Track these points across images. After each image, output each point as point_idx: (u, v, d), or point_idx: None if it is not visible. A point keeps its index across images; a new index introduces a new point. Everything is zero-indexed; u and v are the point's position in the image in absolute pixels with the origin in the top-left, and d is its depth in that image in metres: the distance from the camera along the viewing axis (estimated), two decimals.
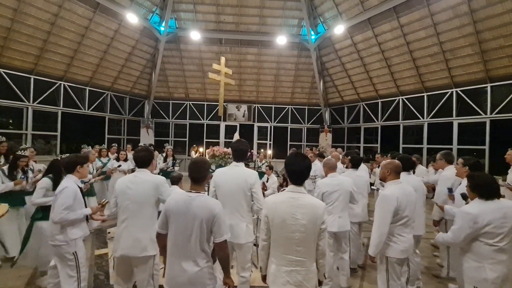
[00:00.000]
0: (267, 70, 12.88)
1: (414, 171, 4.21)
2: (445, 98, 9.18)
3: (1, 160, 4.35)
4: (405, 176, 3.00)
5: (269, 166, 5.99)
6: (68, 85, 9.86)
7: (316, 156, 6.71)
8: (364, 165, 4.76)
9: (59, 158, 3.54)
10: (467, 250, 2.34)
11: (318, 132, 13.83)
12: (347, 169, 4.46)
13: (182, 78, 13.04)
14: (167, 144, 10.57)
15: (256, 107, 13.80)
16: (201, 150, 11.81)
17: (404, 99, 10.48)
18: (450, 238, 2.38)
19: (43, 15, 8.09)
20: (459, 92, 8.78)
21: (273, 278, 1.91)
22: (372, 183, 5.77)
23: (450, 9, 7.77)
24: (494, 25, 7.27)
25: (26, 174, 4.02)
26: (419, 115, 9.94)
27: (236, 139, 3.05)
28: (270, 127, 13.87)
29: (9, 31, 7.68)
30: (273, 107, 13.84)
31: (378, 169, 6.28)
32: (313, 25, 11.34)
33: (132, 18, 9.67)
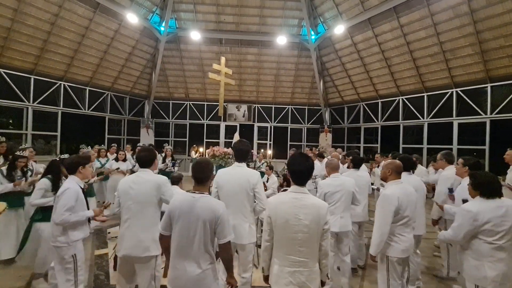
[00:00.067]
0: (267, 70, 12.87)
1: (414, 171, 4.21)
2: (445, 98, 9.18)
3: (0, 160, 4.35)
4: (406, 176, 3.00)
5: (269, 166, 5.99)
6: (68, 85, 9.86)
7: (316, 156, 6.70)
8: (364, 165, 4.75)
9: (57, 158, 3.51)
10: (467, 248, 2.36)
11: (318, 132, 13.83)
12: (348, 169, 4.45)
13: (182, 78, 13.04)
14: (166, 144, 10.57)
15: (256, 107, 13.80)
16: (201, 150, 11.82)
17: (404, 99, 10.48)
18: (450, 235, 2.40)
19: (43, 15, 8.09)
20: (459, 92, 8.78)
21: (276, 278, 1.90)
22: (372, 183, 5.76)
23: (450, 9, 7.77)
24: (494, 25, 7.27)
25: (25, 175, 4.00)
26: (419, 115, 9.94)
27: (237, 139, 3.04)
28: (270, 127, 13.86)
29: (9, 31, 7.68)
30: (273, 107, 13.84)
31: (378, 169, 6.31)
32: (313, 25, 11.34)
33: (132, 18, 9.68)
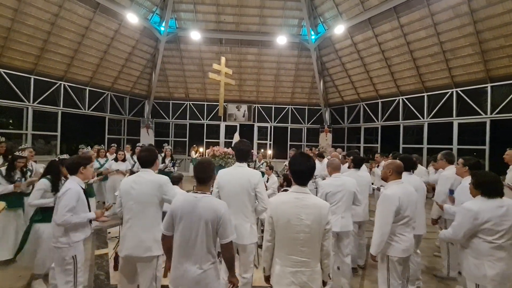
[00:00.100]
0: (267, 70, 12.87)
1: (414, 171, 4.21)
2: (445, 98, 9.17)
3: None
4: (406, 176, 3.01)
5: (269, 166, 5.99)
6: (68, 85, 9.86)
7: (316, 156, 6.69)
8: (363, 165, 4.75)
9: (57, 159, 3.50)
10: (466, 247, 2.37)
11: (318, 132, 13.82)
12: (348, 169, 4.45)
13: (182, 78, 13.04)
14: (165, 144, 10.56)
15: (256, 107, 13.80)
16: (201, 150, 11.83)
17: (404, 99, 10.47)
18: (450, 234, 2.42)
19: (43, 15, 8.09)
20: (459, 92, 8.77)
21: (278, 279, 1.90)
22: (372, 182, 5.76)
23: (450, 9, 7.76)
24: (494, 25, 7.26)
25: (24, 175, 3.98)
26: (419, 115, 9.93)
27: (238, 140, 3.03)
28: (270, 127, 13.86)
29: (9, 31, 7.68)
30: (273, 107, 13.84)
31: (377, 168, 6.31)
32: (313, 25, 11.34)
33: (132, 18, 9.67)
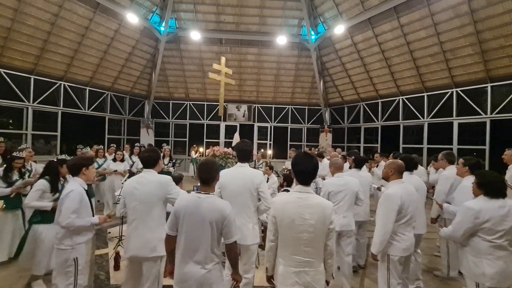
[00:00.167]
0: (267, 70, 12.87)
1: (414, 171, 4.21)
2: (445, 98, 9.17)
3: None
4: (407, 176, 3.01)
5: (269, 166, 6.00)
6: (68, 85, 9.86)
7: (316, 156, 6.68)
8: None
9: (55, 159, 3.49)
10: (466, 245, 2.39)
11: (318, 132, 13.82)
12: (349, 169, 4.45)
13: (182, 78, 13.04)
14: (164, 144, 10.56)
15: (256, 107, 13.80)
16: (201, 150, 11.85)
17: (404, 99, 10.47)
18: (450, 232, 2.43)
19: (43, 15, 8.08)
20: (459, 92, 8.77)
21: (281, 279, 1.89)
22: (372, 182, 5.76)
23: (450, 9, 7.76)
24: (494, 25, 7.26)
25: (22, 176, 3.96)
26: (419, 115, 9.93)
27: (240, 140, 3.03)
28: (270, 127, 13.86)
29: (9, 31, 7.68)
30: (273, 107, 13.84)
31: (376, 168, 6.31)
32: (313, 25, 11.34)
33: (132, 18, 9.68)
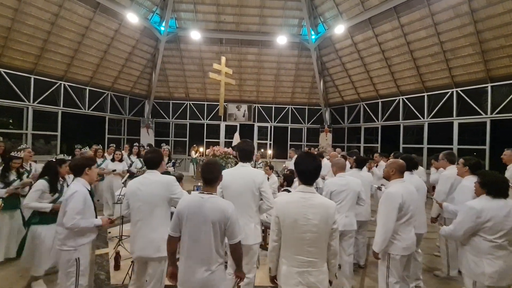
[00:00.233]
0: (267, 70, 12.87)
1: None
2: (445, 98, 9.16)
3: None
4: (407, 175, 3.02)
5: (270, 166, 6.00)
6: (68, 85, 9.86)
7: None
8: None
9: (54, 159, 3.49)
10: (466, 244, 2.40)
11: (318, 132, 13.82)
12: (351, 169, 4.45)
13: (182, 78, 13.04)
14: (164, 144, 10.54)
15: (256, 107, 13.80)
16: (201, 150, 11.85)
17: (405, 99, 10.47)
18: (451, 230, 2.44)
19: (44, 15, 8.08)
20: (460, 92, 8.76)
21: (285, 279, 1.89)
22: None
23: (450, 8, 7.76)
24: (494, 24, 7.26)
25: (20, 176, 3.95)
26: (419, 115, 9.93)
27: (241, 140, 3.03)
28: (270, 127, 13.86)
29: (10, 31, 7.67)
30: (273, 107, 13.84)
31: (376, 168, 6.31)
32: (313, 25, 11.33)
33: (132, 18, 9.68)
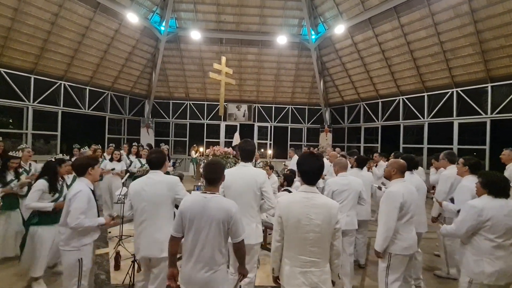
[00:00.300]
0: (267, 70, 12.87)
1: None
2: (445, 98, 9.17)
3: None
4: (407, 175, 3.03)
5: (270, 166, 6.00)
6: (68, 84, 9.85)
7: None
8: None
9: (53, 159, 3.48)
10: (467, 243, 2.41)
11: (318, 132, 13.83)
12: (351, 168, 4.45)
13: (182, 78, 13.04)
14: (162, 144, 10.53)
15: (257, 107, 13.80)
16: (201, 150, 11.83)
17: (405, 99, 10.47)
18: (453, 229, 2.45)
19: (44, 15, 8.08)
20: (460, 92, 8.77)
21: (287, 279, 1.89)
22: None
23: (450, 8, 7.76)
24: (494, 24, 7.26)
25: (18, 176, 3.94)
26: (419, 115, 9.93)
27: (242, 139, 3.04)
28: (270, 127, 13.86)
29: (10, 30, 7.67)
30: (273, 107, 13.84)
31: (375, 168, 6.31)
32: (313, 25, 11.34)
33: (132, 17, 9.67)
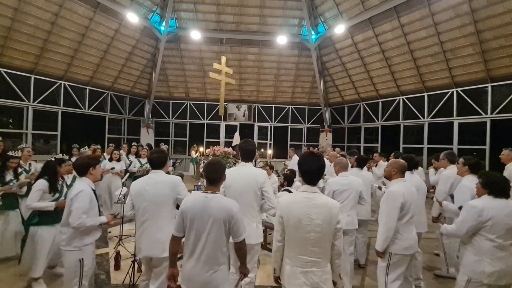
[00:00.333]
0: (267, 70, 12.87)
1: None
2: (445, 98, 9.17)
3: None
4: (408, 175, 3.04)
5: (270, 166, 5.99)
6: (68, 84, 9.85)
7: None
8: None
9: (53, 159, 3.48)
10: (468, 243, 2.42)
11: (318, 132, 13.83)
12: (351, 168, 4.45)
13: (182, 78, 13.04)
14: (162, 144, 10.52)
15: (257, 107, 13.80)
16: (201, 150, 11.83)
17: (405, 99, 10.47)
18: (454, 230, 2.46)
19: (44, 15, 8.08)
20: (460, 92, 8.77)
21: (288, 279, 1.89)
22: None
23: (451, 8, 7.76)
24: (494, 24, 7.26)
25: (17, 176, 3.93)
26: (419, 115, 9.93)
27: (243, 139, 3.05)
28: (270, 126, 13.86)
29: (10, 30, 7.66)
30: (273, 107, 13.84)
31: (375, 168, 6.32)
32: (313, 25, 11.33)
33: (132, 17, 9.67)
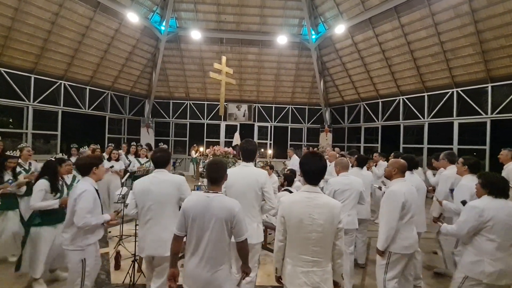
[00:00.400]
0: (267, 70, 12.87)
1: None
2: (445, 98, 9.17)
3: None
4: (408, 175, 3.05)
5: (270, 166, 5.99)
6: (68, 84, 9.85)
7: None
8: None
9: (53, 158, 3.47)
10: (468, 243, 2.43)
11: (318, 132, 13.83)
12: (352, 168, 4.46)
13: (182, 78, 13.04)
14: (161, 144, 10.51)
15: (257, 107, 13.80)
16: (201, 149, 11.83)
17: (405, 99, 10.47)
18: (454, 230, 2.47)
19: (44, 14, 8.08)
20: (460, 92, 8.77)
21: (290, 279, 1.90)
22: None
23: (451, 8, 7.76)
24: (495, 25, 7.26)
25: (16, 176, 3.92)
26: (419, 115, 9.93)
27: (244, 139, 3.05)
28: (271, 126, 13.86)
29: (10, 30, 7.67)
30: (273, 107, 13.84)
31: (375, 168, 6.32)
32: (313, 25, 11.33)
33: (132, 17, 9.67)
